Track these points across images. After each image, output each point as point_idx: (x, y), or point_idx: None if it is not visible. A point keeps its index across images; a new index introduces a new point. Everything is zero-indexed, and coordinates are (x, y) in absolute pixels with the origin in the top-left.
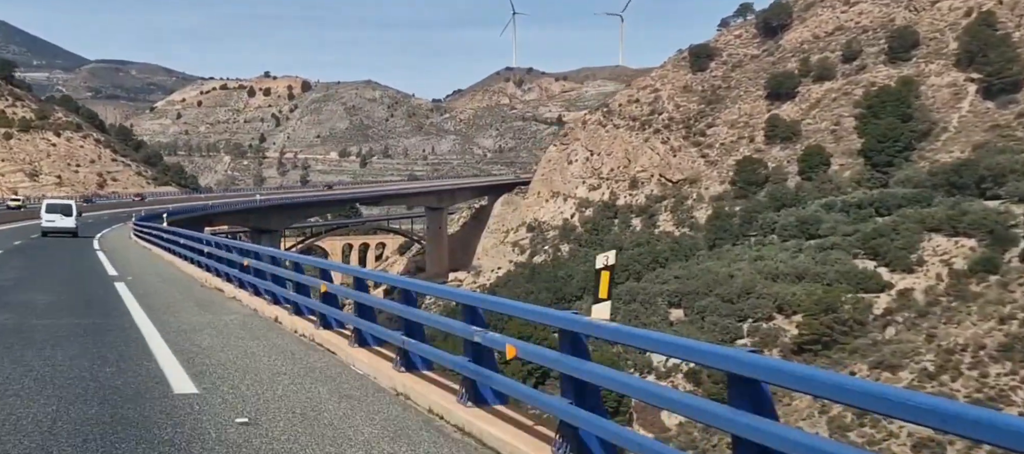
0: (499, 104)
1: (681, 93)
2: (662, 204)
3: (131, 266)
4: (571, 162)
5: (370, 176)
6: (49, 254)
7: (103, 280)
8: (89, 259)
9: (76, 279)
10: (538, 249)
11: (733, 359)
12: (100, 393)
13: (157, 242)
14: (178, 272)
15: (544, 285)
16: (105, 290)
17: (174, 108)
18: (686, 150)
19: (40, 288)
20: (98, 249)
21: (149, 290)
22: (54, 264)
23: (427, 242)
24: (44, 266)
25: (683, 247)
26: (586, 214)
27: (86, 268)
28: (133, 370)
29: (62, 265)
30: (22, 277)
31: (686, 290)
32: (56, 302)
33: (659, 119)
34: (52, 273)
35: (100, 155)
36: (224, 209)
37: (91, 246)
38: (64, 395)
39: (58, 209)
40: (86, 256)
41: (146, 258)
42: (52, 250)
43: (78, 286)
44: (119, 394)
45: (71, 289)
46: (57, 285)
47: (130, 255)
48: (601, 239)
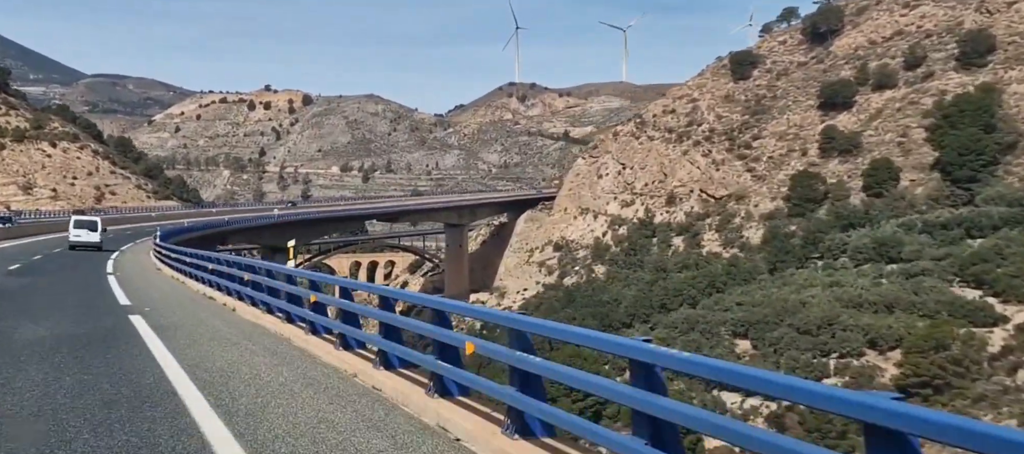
0: (502, 119)
1: (722, 103)
2: (705, 222)
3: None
4: (601, 176)
5: (372, 191)
6: (52, 281)
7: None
8: (100, 284)
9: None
10: (568, 269)
11: (872, 407)
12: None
13: (178, 267)
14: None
15: (587, 310)
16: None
17: (173, 121)
18: (730, 163)
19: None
20: (111, 273)
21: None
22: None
23: (446, 260)
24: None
25: (741, 270)
26: (619, 232)
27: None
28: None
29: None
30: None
31: (753, 319)
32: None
33: (698, 130)
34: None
35: (98, 167)
36: (244, 225)
37: (104, 268)
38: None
39: (84, 225)
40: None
41: (171, 294)
42: (57, 274)
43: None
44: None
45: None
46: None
47: (149, 284)
48: (640, 260)
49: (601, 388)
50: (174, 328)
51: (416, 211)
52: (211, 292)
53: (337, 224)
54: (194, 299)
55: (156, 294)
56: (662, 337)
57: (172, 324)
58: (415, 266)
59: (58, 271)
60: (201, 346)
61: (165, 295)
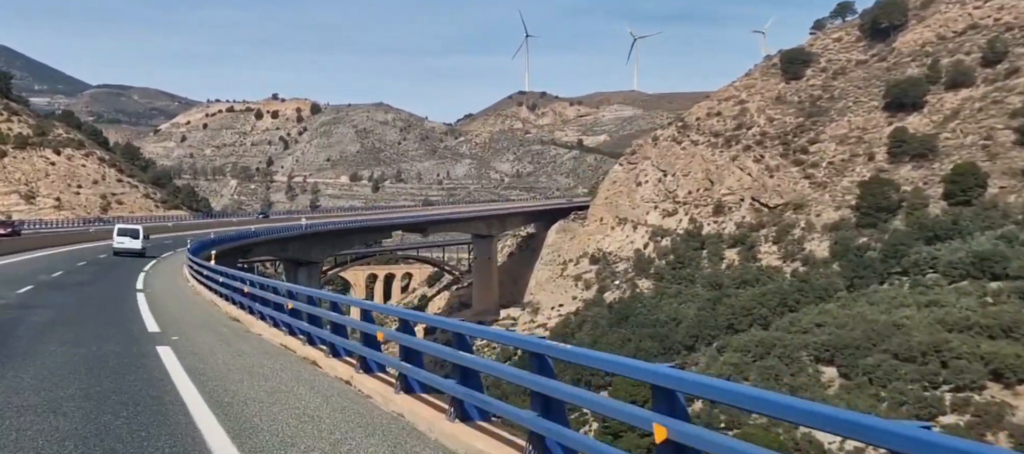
0: (512, 129)
1: (773, 104)
2: (760, 233)
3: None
4: (640, 184)
5: (382, 201)
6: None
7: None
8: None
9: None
10: (607, 284)
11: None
12: None
13: (211, 286)
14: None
15: (644, 331)
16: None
17: (179, 130)
18: (785, 170)
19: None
20: (140, 289)
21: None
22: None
23: (474, 274)
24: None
25: (814, 287)
26: (663, 244)
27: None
28: None
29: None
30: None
31: (839, 343)
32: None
33: (748, 134)
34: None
35: (104, 175)
36: (272, 236)
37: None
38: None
39: (127, 232)
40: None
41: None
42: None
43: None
44: None
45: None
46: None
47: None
48: (691, 274)
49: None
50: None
51: (445, 221)
52: (254, 322)
53: (364, 235)
54: (235, 331)
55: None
56: (734, 363)
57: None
58: (434, 278)
59: (77, 305)
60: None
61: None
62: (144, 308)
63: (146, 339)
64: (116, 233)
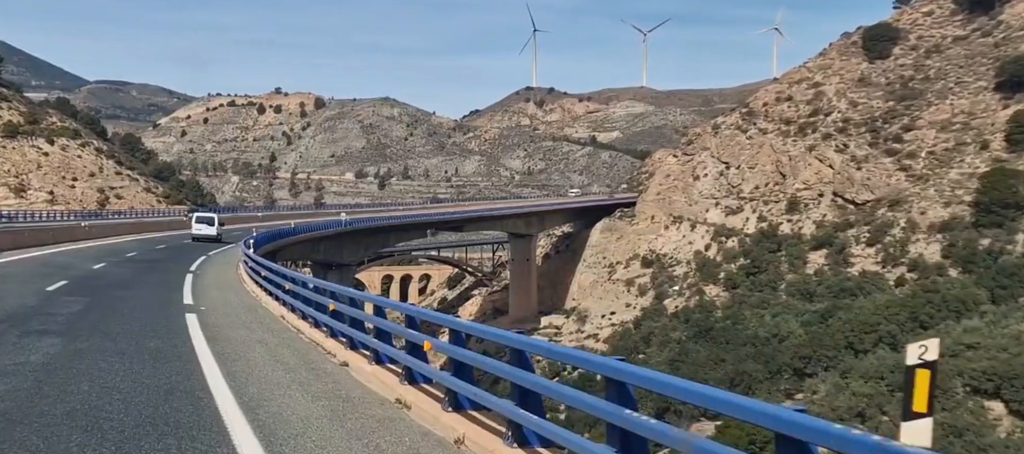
0: (519, 125)
1: (856, 87)
2: (849, 234)
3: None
4: (698, 178)
5: (389, 199)
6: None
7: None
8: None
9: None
10: (665, 290)
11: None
12: None
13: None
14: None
15: (741, 351)
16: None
17: (178, 125)
18: (876, 161)
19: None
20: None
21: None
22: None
23: (510, 277)
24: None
25: (947, 298)
26: (728, 245)
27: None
28: None
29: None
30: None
31: (1005, 371)
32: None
33: (827, 121)
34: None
35: (102, 167)
36: (312, 232)
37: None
38: None
39: (204, 220)
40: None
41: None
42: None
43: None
44: None
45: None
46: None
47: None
48: (772, 281)
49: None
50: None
51: (481, 218)
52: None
53: (399, 233)
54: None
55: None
56: (867, 394)
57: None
58: (454, 280)
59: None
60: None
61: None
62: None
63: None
64: (194, 221)
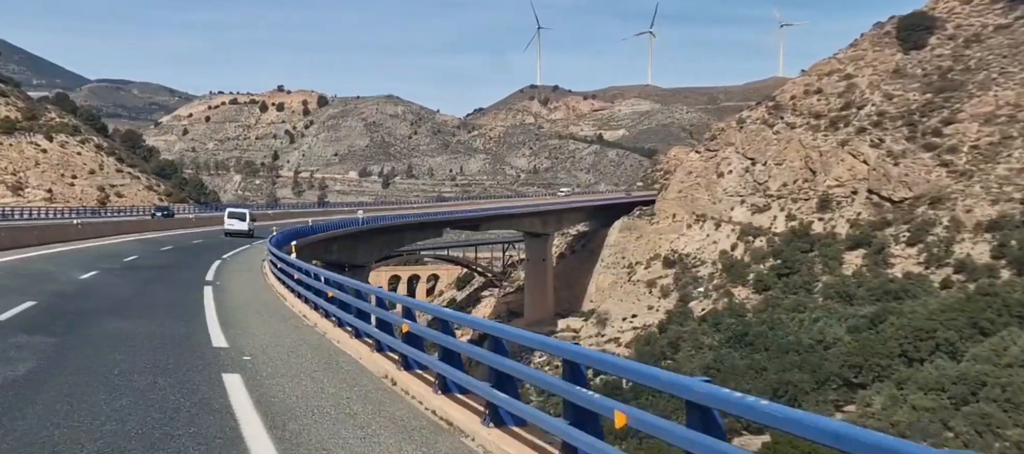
0: (524, 123)
1: (891, 79)
2: (887, 233)
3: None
4: (722, 175)
5: (393, 198)
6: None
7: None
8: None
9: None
10: (689, 291)
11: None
12: None
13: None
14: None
15: (788, 359)
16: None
17: (180, 124)
18: (914, 156)
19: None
20: (220, 347)
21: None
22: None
23: (526, 278)
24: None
25: (1008, 303)
26: (756, 245)
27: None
28: None
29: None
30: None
31: None
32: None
33: (861, 114)
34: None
35: (102, 164)
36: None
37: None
38: None
39: (236, 216)
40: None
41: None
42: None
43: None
44: None
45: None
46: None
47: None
48: (807, 283)
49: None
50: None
51: (497, 217)
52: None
53: (415, 232)
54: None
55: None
56: (929, 408)
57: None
58: (463, 281)
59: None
60: None
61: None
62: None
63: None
64: (227, 216)
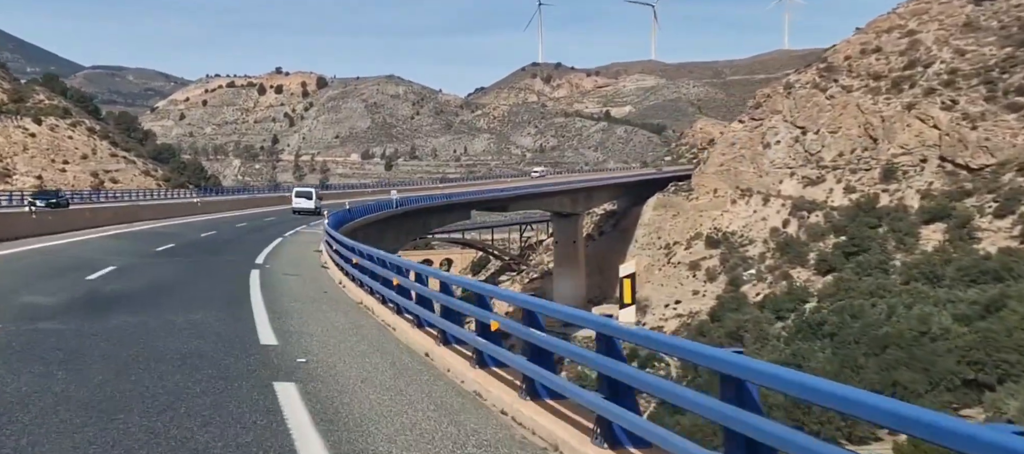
0: (527, 101)
1: (962, 33)
2: (968, 203)
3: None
4: (769, 145)
5: (396, 179)
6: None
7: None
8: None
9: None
10: (739, 273)
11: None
12: None
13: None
14: None
15: (892, 356)
16: None
17: (177, 108)
18: (996, 118)
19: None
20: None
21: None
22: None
23: (554, 262)
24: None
25: None
26: (812, 221)
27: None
28: None
29: None
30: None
31: None
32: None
33: (929, 73)
34: None
35: (95, 148)
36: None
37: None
38: None
39: (303, 195)
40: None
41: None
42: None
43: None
44: None
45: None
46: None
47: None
48: (882, 262)
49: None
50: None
51: (527, 196)
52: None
53: (442, 214)
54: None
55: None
56: None
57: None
58: (478, 265)
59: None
60: None
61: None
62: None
63: None
64: (294, 195)
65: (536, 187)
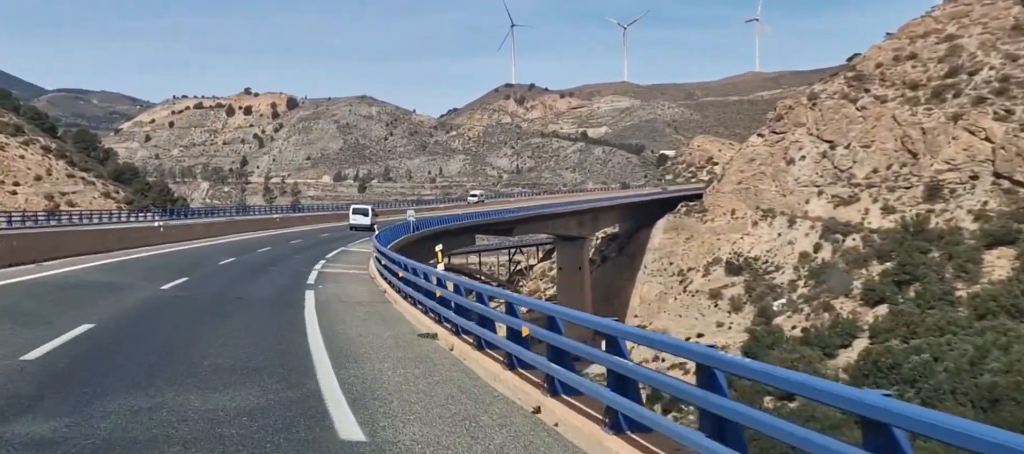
0: (500, 122)
1: (1011, 36)
2: None
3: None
4: (792, 162)
5: (371, 201)
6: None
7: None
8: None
9: None
10: (768, 303)
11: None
12: None
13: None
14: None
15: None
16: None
17: (142, 130)
18: None
19: None
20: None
21: None
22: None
23: (558, 290)
24: None
25: None
26: (847, 245)
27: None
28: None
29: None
30: None
31: None
32: None
33: (976, 82)
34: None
35: (50, 169)
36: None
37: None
38: None
39: (360, 212)
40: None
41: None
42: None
43: None
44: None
45: None
46: None
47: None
48: (947, 293)
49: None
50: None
51: (529, 219)
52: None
53: (447, 238)
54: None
55: None
56: None
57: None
58: None
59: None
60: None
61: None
62: None
63: None
64: (351, 213)
65: (543, 208)
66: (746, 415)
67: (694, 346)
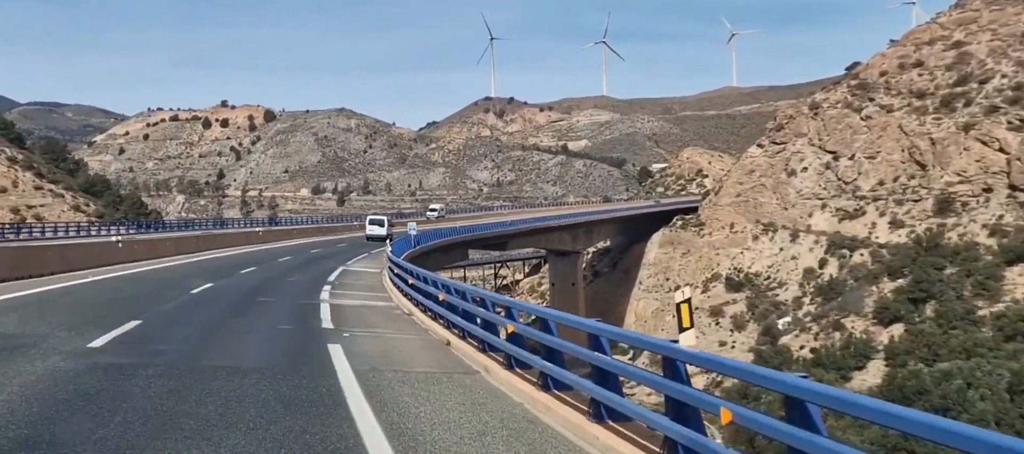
0: (479, 136)
1: (1021, 43)
2: None
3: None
4: (794, 173)
5: (350, 214)
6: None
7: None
8: None
9: None
10: (773, 321)
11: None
12: None
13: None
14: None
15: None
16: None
17: (116, 143)
18: None
19: None
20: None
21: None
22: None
23: (552, 305)
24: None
25: None
26: (854, 260)
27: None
28: None
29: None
30: None
31: None
32: None
33: (987, 91)
34: None
35: (16, 181)
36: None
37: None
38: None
39: (376, 222)
40: None
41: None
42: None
43: None
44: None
45: None
46: None
47: None
48: (969, 312)
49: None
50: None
51: (522, 233)
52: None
53: (439, 256)
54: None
55: None
56: None
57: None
58: None
59: None
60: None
61: None
62: None
63: None
64: (368, 223)
65: (536, 222)
66: (698, 399)
67: (660, 341)
